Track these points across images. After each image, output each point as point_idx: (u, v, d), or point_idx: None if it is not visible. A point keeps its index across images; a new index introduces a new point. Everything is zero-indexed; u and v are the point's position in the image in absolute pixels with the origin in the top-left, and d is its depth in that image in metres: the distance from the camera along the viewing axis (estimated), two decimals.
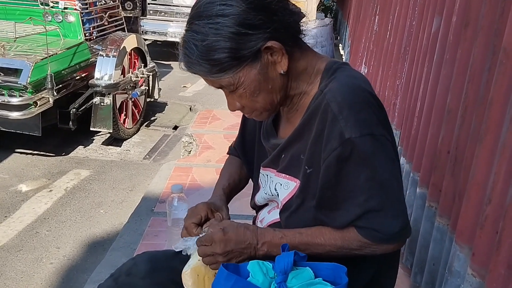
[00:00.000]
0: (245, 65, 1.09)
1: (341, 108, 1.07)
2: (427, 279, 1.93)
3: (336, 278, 1.06)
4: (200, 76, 1.13)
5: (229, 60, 1.07)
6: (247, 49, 1.07)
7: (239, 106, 1.18)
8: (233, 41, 1.05)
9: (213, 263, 1.15)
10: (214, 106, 5.67)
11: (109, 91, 4.33)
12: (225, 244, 1.13)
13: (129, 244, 2.66)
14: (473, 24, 1.71)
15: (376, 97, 1.14)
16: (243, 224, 1.18)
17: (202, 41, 1.06)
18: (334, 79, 1.13)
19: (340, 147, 1.06)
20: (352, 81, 1.13)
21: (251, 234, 1.15)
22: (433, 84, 2.07)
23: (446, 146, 1.84)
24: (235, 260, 1.14)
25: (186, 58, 1.11)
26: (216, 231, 1.15)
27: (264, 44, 1.07)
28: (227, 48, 1.06)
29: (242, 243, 1.14)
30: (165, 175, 3.53)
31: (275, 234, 1.15)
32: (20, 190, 3.66)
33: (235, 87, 1.12)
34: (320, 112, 1.11)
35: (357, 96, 1.10)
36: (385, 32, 3.45)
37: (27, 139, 4.28)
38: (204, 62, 1.08)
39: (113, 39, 4.64)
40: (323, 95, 1.12)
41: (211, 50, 1.06)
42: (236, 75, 1.09)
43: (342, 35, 8.73)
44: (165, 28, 8.14)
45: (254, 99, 1.14)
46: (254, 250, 1.14)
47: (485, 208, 1.39)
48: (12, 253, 2.89)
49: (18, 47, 4.15)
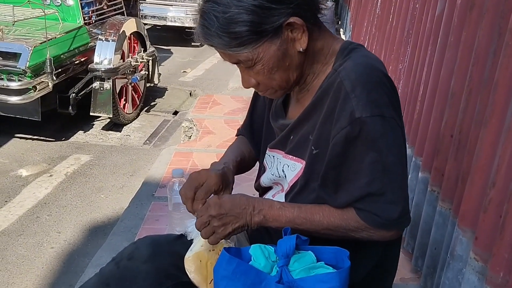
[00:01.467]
0: (265, 40, 1.07)
1: (354, 86, 1.06)
2: (429, 263, 1.92)
3: (339, 261, 1.05)
4: (216, 49, 1.11)
5: (250, 34, 1.05)
6: (269, 24, 1.05)
7: (254, 82, 1.16)
8: (255, 14, 1.03)
9: (210, 233, 1.13)
10: (215, 91, 5.64)
11: (108, 76, 4.30)
12: (219, 206, 1.12)
13: (130, 229, 2.66)
14: (478, 6, 1.68)
15: (390, 79, 1.12)
16: (240, 193, 1.17)
17: (223, 13, 1.04)
18: (349, 58, 1.12)
19: (349, 126, 1.05)
20: (367, 61, 1.12)
21: (247, 200, 1.14)
22: (436, 67, 2.05)
23: (450, 130, 1.83)
24: (231, 226, 1.13)
25: (204, 29, 1.08)
26: (211, 197, 1.16)
27: (287, 20, 1.06)
28: (249, 22, 1.03)
29: (237, 207, 1.13)
30: (165, 160, 3.52)
31: (273, 203, 1.15)
32: (20, 175, 3.65)
33: (253, 63, 1.10)
34: (333, 90, 1.09)
35: (371, 76, 1.08)
36: (387, 15, 3.41)
37: (27, 124, 4.26)
38: (224, 34, 1.05)
39: (112, 23, 4.60)
40: (337, 73, 1.10)
41: (232, 22, 1.04)
42: (255, 50, 1.07)
43: (343, 19, 8.66)
44: (164, 12, 8.07)
45: (271, 76, 1.12)
46: (250, 216, 1.13)
47: (489, 192, 1.38)
48: (13, 237, 2.89)
49: (17, 31, 4.11)
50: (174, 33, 8.40)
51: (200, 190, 1.19)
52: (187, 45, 7.97)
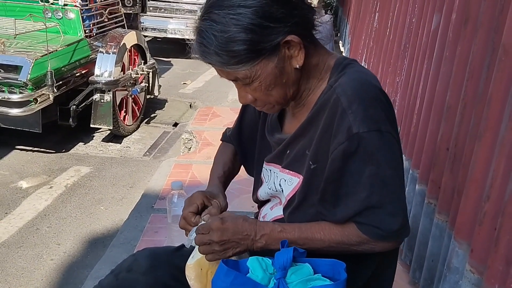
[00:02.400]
0: (263, 58, 1.08)
1: (351, 102, 1.07)
2: (426, 275, 1.93)
3: (335, 274, 1.07)
4: (214, 66, 1.12)
5: (248, 53, 1.06)
6: (267, 42, 1.06)
7: (251, 99, 1.17)
8: (254, 33, 1.05)
9: (209, 253, 1.13)
10: (214, 103, 5.66)
11: (109, 88, 4.32)
12: (222, 232, 1.12)
13: (129, 241, 2.67)
14: (472, 21, 1.71)
15: (385, 94, 1.14)
16: (242, 216, 1.17)
17: (222, 32, 1.05)
18: (344, 74, 1.14)
19: (346, 142, 1.06)
20: (362, 77, 1.14)
21: (249, 226, 1.14)
22: (432, 81, 2.08)
23: (445, 143, 1.85)
24: (232, 251, 1.14)
25: (202, 47, 1.09)
26: (214, 219, 1.15)
27: (284, 38, 1.07)
28: (248, 40, 1.05)
29: (239, 233, 1.13)
30: (165, 172, 3.53)
31: (274, 227, 1.15)
32: (21, 187, 3.67)
33: (251, 80, 1.11)
34: (329, 106, 1.11)
35: (367, 92, 1.10)
36: (385, 29, 3.45)
37: (27, 136, 4.27)
38: (222, 53, 1.07)
39: (113, 36, 4.64)
40: (333, 89, 1.12)
41: (231, 41, 1.05)
42: (253, 68, 1.09)
43: (342, 32, 8.72)
44: (165, 24, 8.12)
45: (268, 93, 1.14)
46: (252, 242, 1.14)
47: (484, 205, 1.40)
48: (13, 249, 2.90)
49: (18, 44, 4.15)
50: (174, 45, 8.44)
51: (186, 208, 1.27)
52: (187, 57, 7.93)
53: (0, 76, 3.82)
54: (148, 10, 8.13)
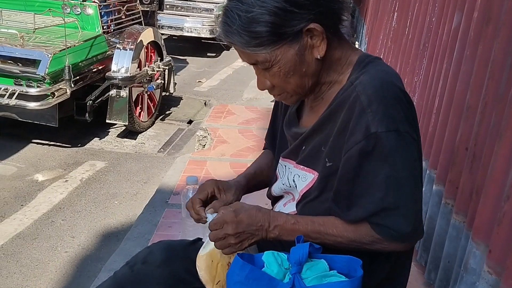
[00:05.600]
0: (284, 43, 1.08)
1: (371, 101, 1.06)
2: (442, 276, 1.91)
3: (351, 270, 1.06)
4: (235, 47, 1.12)
5: (270, 35, 1.07)
6: (290, 27, 1.07)
7: (269, 85, 1.17)
8: (277, 16, 1.05)
9: (225, 247, 1.14)
10: (229, 101, 5.67)
11: (125, 84, 4.36)
12: (236, 225, 1.12)
13: (143, 235, 2.68)
14: (494, 20, 1.68)
15: (407, 94, 1.13)
16: (255, 206, 1.17)
17: (246, 12, 1.06)
18: (366, 72, 1.13)
19: (364, 141, 1.05)
20: (384, 76, 1.12)
21: (262, 216, 1.14)
22: (452, 80, 2.05)
23: (465, 143, 1.82)
24: (247, 242, 1.14)
25: (225, 26, 1.10)
26: (227, 212, 1.14)
27: (307, 25, 1.07)
28: (270, 23, 1.06)
29: (253, 224, 1.13)
30: (179, 168, 3.54)
31: (288, 218, 1.15)
32: (36, 180, 3.71)
33: (270, 65, 1.11)
34: (348, 104, 1.10)
35: (388, 91, 1.09)
36: (403, 28, 3.42)
37: (44, 130, 4.32)
38: (244, 33, 1.07)
39: (130, 33, 4.67)
40: (353, 87, 1.11)
41: (254, 22, 1.06)
42: (273, 52, 1.09)
43: (359, 32, 8.67)
44: (181, 23, 8.17)
45: (287, 80, 1.14)
46: (266, 232, 1.14)
47: (503, 205, 1.37)
48: (28, 241, 2.93)
49: (37, 38, 4.20)
50: (190, 44, 8.49)
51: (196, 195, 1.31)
52: (202, 56, 8.04)
53: (18, 69, 3.87)
54: (165, 8, 8.18)
